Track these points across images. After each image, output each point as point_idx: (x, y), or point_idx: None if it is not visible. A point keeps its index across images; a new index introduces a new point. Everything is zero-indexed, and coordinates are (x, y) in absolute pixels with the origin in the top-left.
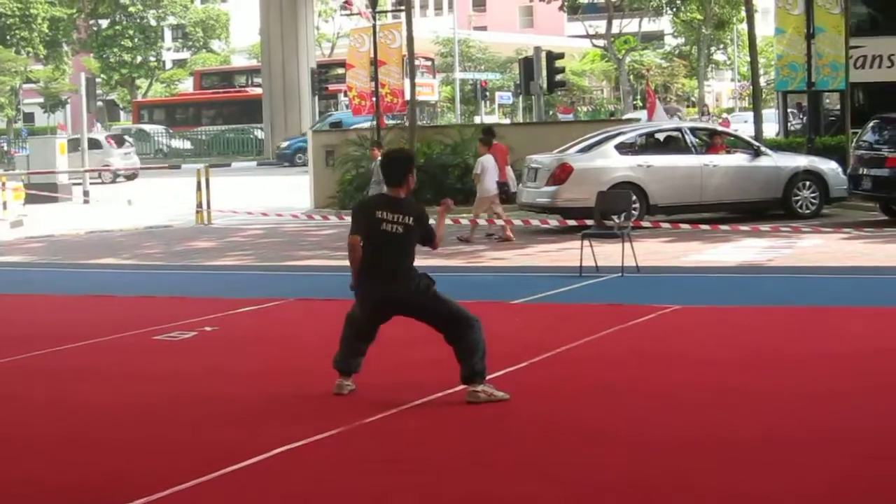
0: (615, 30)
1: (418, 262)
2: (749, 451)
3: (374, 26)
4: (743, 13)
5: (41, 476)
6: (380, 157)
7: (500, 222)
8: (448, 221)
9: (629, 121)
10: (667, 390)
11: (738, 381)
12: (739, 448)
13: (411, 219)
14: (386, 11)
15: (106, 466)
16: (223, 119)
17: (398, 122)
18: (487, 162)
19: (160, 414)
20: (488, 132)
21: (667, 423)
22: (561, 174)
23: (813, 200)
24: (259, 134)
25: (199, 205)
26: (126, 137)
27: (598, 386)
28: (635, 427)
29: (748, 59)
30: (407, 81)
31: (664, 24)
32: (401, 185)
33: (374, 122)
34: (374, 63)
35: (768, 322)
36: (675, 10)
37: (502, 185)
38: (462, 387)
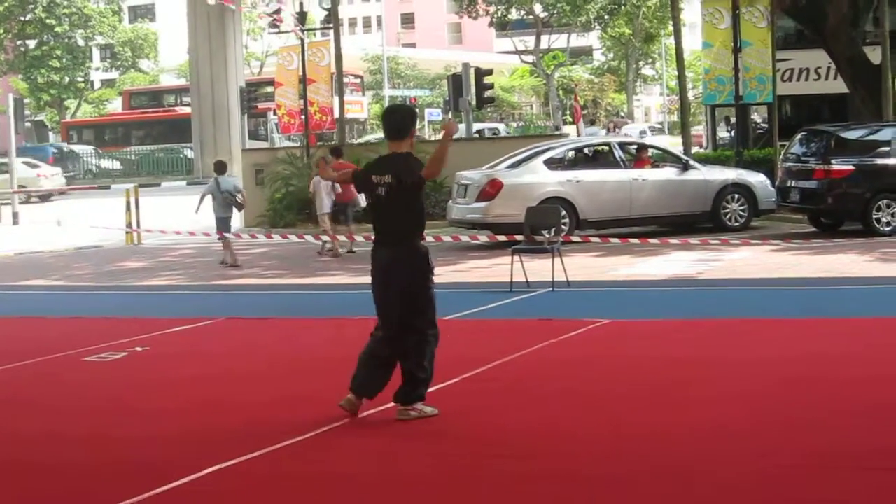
0: (544, 45)
1: (346, 278)
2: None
3: (303, 44)
4: (670, 27)
5: None
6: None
7: (325, 238)
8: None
9: (559, 136)
10: (598, 405)
11: (667, 391)
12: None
13: (390, 176)
14: (314, 29)
15: (32, 491)
16: (152, 139)
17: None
18: (320, 182)
19: (91, 435)
20: (335, 152)
21: (597, 434)
22: (491, 190)
23: (742, 213)
24: (189, 153)
25: (129, 225)
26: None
27: (530, 401)
28: (565, 441)
29: (676, 73)
30: (336, 99)
31: (592, 39)
32: (400, 138)
33: (305, 141)
34: (304, 81)
35: (698, 334)
36: (603, 25)
37: (337, 205)
38: (392, 404)
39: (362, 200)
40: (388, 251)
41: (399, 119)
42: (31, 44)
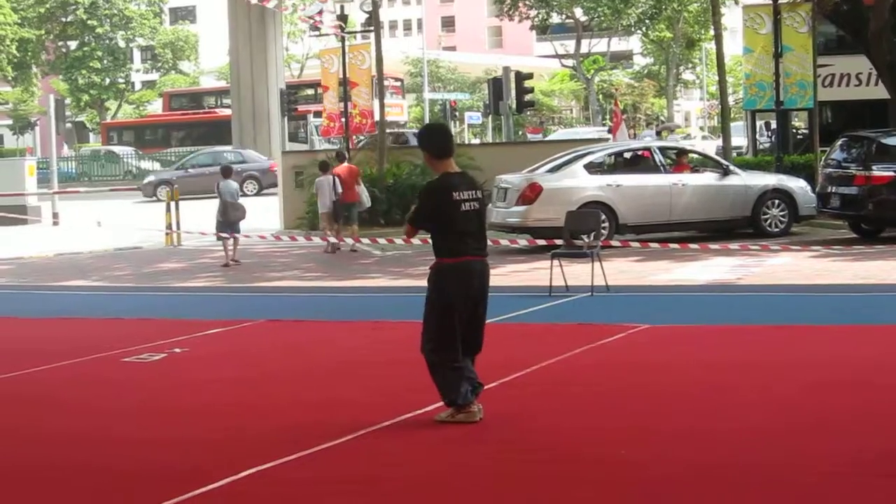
0: (584, 49)
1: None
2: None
3: (344, 46)
4: (711, 32)
5: None
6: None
7: (332, 238)
8: (416, 241)
9: (598, 140)
10: (637, 409)
11: (707, 396)
12: (720, 474)
13: (478, 192)
14: (355, 32)
15: (71, 492)
16: (192, 140)
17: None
18: (321, 183)
19: (129, 436)
20: (339, 156)
21: (639, 442)
22: (530, 194)
23: (782, 219)
24: (229, 156)
25: (169, 226)
26: None
27: (570, 405)
28: (605, 445)
29: (717, 78)
30: (376, 102)
31: (633, 43)
32: (453, 155)
33: (345, 144)
34: (344, 84)
35: (737, 340)
36: (644, 29)
37: (338, 205)
38: (430, 408)
39: (366, 200)
40: (482, 263)
41: (450, 136)
42: (73, 45)
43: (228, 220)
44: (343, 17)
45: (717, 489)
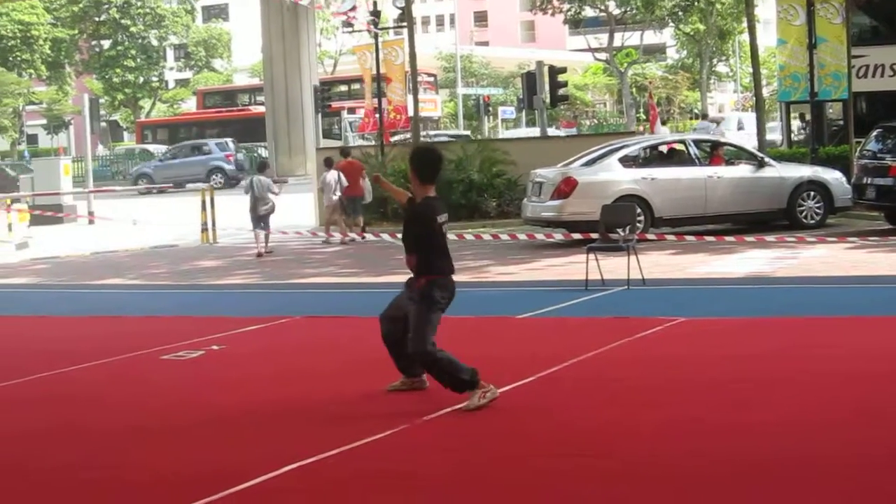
0: (617, 43)
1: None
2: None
3: (377, 42)
4: (744, 24)
5: None
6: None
7: (336, 233)
8: (452, 237)
9: (631, 133)
10: (678, 402)
11: (745, 389)
12: (760, 468)
13: (446, 216)
14: (388, 28)
15: (108, 488)
16: (226, 137)
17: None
18: (327, 178)
19: (168, 433)
20: (343, 152)
21: (677, 437)
22: (565, 188)
23: (817, 210)
24: (263, 152)
25: (204, 224)
26: None
27: (606, 399)
28: (643, 440)
29: (750, 70)
30: (410, 98)
31: (666, 36)
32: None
33: (379, 139)
34: (378, 80)
35: (774, 332)
36: (676, 21)
37: (343, 199)
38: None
39: (368, 195)
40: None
41: (442, 165)
42: (106, 44)
43: (258, 215)
44: (376, 13)
45: (759, 484)
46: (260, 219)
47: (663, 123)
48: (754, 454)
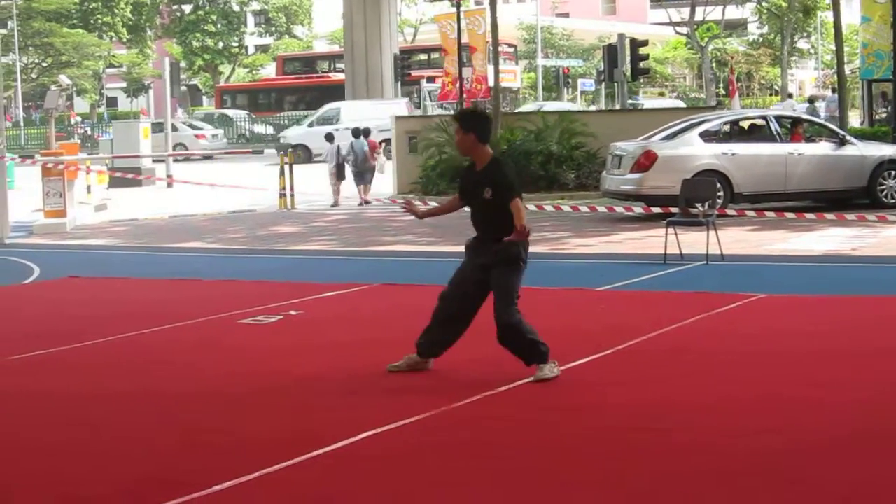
0: (698, 17)
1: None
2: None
3: (459, 11)
4: (828, 1)
5: (145, 466)
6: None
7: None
8: (531, 207)
9: (712, 108)
10: (757, 377)
11: (823, 367)
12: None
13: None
14: None
15: (187, 451)
16: (305, 104)
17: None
18: (356, 145)
19: (245, 399)
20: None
21: (755, 411)
22: (645, 161)
23: None
24: None
25: (283, 189)
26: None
27: (683, 373)
28: (724, 414)
29: (832, 47)
30: (490, 68)
31: (748, 11)
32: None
33: (458, 109)
34: (459, 49)
35: (853, 311)
36: None
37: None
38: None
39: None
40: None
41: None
42: (187, 8)
43: (360, 171)
44: None
45: (837, 461)
46: (361, 175)
47: (790, 97)
48: (834, 430)
